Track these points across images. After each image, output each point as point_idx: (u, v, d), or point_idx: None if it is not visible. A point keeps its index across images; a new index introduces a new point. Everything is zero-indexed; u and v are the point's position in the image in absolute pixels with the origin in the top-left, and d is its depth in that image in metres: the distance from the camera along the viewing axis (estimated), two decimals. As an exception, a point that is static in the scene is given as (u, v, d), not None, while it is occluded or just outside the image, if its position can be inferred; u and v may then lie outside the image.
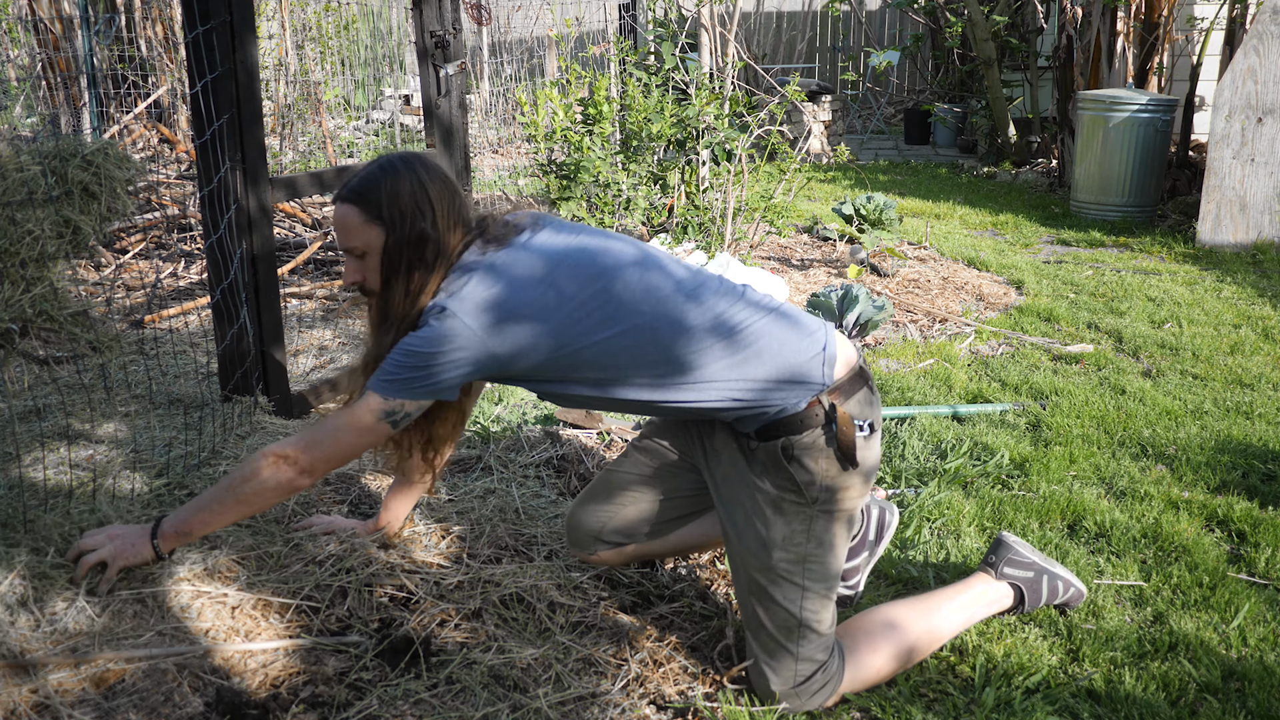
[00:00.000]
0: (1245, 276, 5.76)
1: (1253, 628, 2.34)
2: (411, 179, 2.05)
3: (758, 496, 2.05)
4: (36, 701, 1.83)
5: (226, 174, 3.01)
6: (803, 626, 2.03)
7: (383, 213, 2.02)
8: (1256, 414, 3.63)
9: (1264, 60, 6.24)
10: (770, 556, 2.03)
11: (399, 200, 2.02)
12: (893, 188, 8.77)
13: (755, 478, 2.05)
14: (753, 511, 2.05)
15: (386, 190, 2.03)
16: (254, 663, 2.01)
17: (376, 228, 2.03)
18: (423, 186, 2.05)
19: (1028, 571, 2.34)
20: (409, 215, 2.02)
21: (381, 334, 2.07)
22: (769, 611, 2.04)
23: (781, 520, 2.03)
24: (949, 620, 2.23)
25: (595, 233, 2.13)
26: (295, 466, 2.02)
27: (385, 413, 1.99)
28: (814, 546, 2.03)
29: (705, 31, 6.49)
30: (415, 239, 2.02)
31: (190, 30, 2.93)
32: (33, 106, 8.47)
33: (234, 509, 2.08)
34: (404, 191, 2.03)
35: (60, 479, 2.58)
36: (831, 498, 2.02)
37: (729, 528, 2.10)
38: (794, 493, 2.02)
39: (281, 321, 3.32)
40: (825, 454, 2.01)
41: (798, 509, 2.02)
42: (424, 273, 2.04)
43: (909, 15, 13.26)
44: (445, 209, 2.06)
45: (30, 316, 2.31)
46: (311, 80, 8.75)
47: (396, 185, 2.03)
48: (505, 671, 2.04)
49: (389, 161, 2.08)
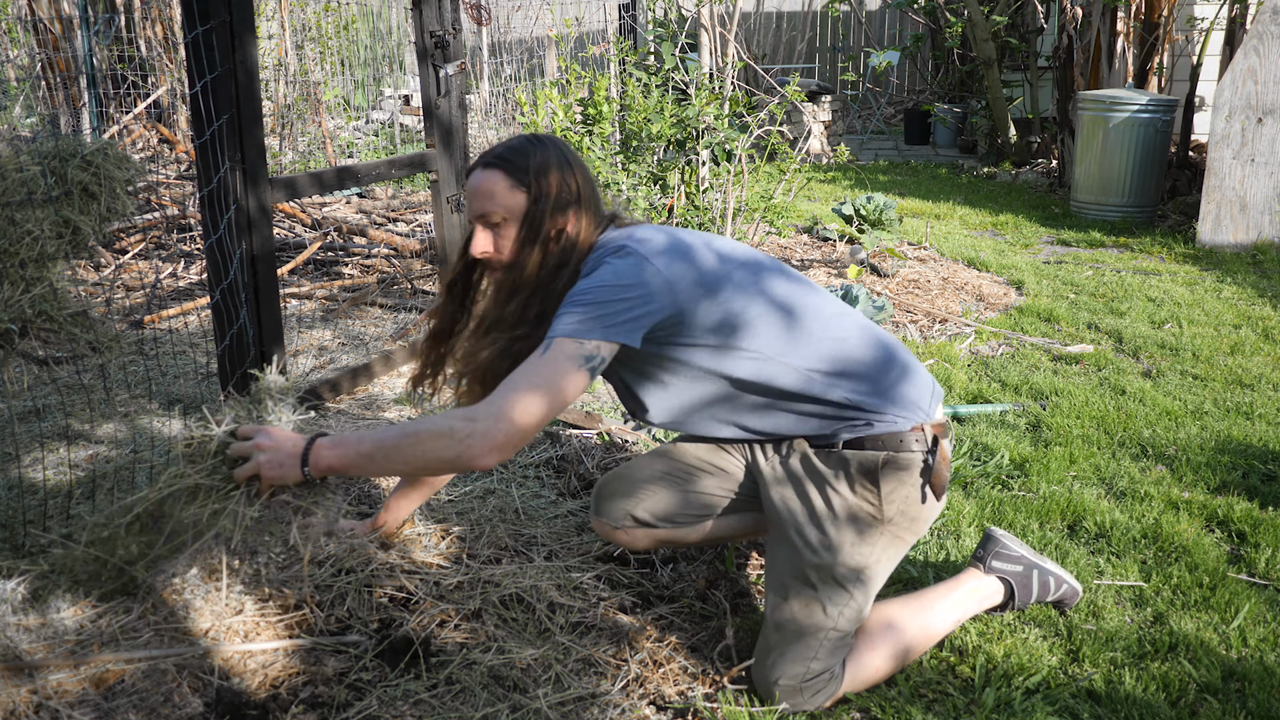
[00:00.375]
0: (1245, 277, 5.76)
1: (1253, 628, 2.34)
2: (558, 153, 2.08)
3: (833, 501, 2.06)
4: (36, 702, 1.83)
5: (226, 174, 3.01)
6: (833, 631, 2.04)
7: (528, 180, 2.04)
8: (1257, 414, 3.63)
9: (1264, 60, 6.24)
10: (828, 558, 2.04)
11: (547, 170, 2.04)
12: (893, 188, 8.77)
13: (834, 482, 2.06)
14: (823, 513, 2.06)
15: (535, 159, 2.04)
16: (253, 663, 2.01)
17: (521, 195, 2.03)
18: (568, 162, 2.08)
19: (1016, 565, 2.34)
20: (556, 186, 2.04)
21: (507, 303, 2.06)
22: (807, 609, 2.04)
23: (852, 530, 2.05)
24: (943, 617, 2.23)
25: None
26: (485, 449, 1.82)
27: (585, 358, 1.87)
28: (873, 562, 2.06)
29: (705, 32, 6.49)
30: (560, 208, 2.04)
31: (190, 30, 2.93)
32: (32, 106, 8.47)
33: (400, 468, 1.93)
34: (552, 162, 2.05)
35: (60, 479, 2.58)
36: (904, 522, 2.07)
37: (787, 521, 2.09)
38: (873, 507, 2.05)
39: (281, 322, 3.32)
40: (914, 481, 2.05)
41: (871, 523, 2.05)
42: (565, 244, 2.04)
43: (909, 15, 13.26)
44: (589, 188, 2.10)
45: (30, 317, 2.30)
46: (311, 80, 8.75)
47: (545, 156, 2.06)
48: (505, 672, 2.04)
49: (535, 136, 2.10)
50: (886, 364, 2.08)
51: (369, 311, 4.88)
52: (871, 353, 2.08)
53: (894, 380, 2.08)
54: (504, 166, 2.05)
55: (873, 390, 2.06)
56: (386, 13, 10.94)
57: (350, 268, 5.61)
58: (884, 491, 2.04)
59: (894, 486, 2.05)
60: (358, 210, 6.79)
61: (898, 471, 2.05)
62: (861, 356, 2.07)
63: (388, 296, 5.05)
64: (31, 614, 2.02)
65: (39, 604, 2.04)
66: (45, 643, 1.96)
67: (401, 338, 4.41)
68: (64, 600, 2.06)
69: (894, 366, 2.09)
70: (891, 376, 2.08)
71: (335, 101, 9.69)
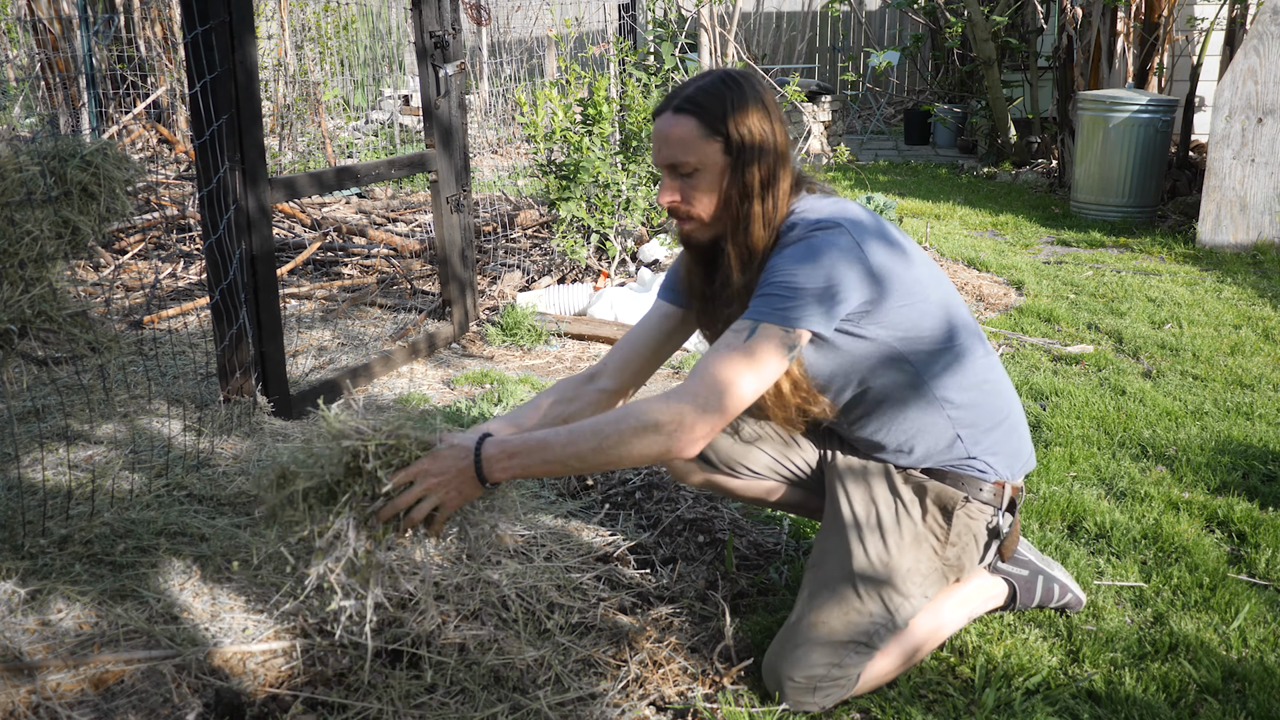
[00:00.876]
0: (1245, 277, 5.76)
1: (1253, 629, 2.34)
2: (754, 96, 1.88)
3: (903, 521, 2.06)
4: (35, 703, 1.83)
5: (226, 174, 3.01)
6: (864, 646, 2.02)
7: (725, 127, 1.86)
8: (1257, 415, 3.63)
9: (1264, 60, 6.24)
10: (882, 573, 2.04)
11: (745, 116, 1.87)
12: (892, 188, 8.77)
13: (908, 504, 2.07)
14: (890, 529, 2.06)
15: (732, 103, 1.87)
16: (253, 664, 2.01)
17: (717, 143, 1.88)
18: (765, 108, 1.89)
19: (1022, 570, 2.33)
20: (756, 133, 1.87)
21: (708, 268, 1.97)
22: (845, 616, 2.01)
23: (912, 554, 2.06)
24: (951, 617, 2.22)
25: None
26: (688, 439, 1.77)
27: (789, 346, 1.82)
28: (918, 593, 2.07)
29: (705, 32, 6.49)
30: (758, 157, 1.87)
31: (189, 30, 2.93)
32: (31, 107, 8.47)
33: (592, 464, 1.81)
34: (750, 107, 1.87)
35: (59, 480, 2.58)
36: (955, 564, 2.09)
37: (849, 524, 2.08)
38: (937, 541, 2.06)
39: (281, 322, 3.32)
40: (980, 531, 2.08)
41: (930, 555, 2.07)
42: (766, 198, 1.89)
43: (909, 15, 13.26)
44: (787, 139, 1.94)
45: (29, 317, 2.30)
46: (310, 80, 8.75)
47: (744, 100, 1.87)
48: (505, 672, 2.04)
49: (728, 74, 1.90)
50: (1004, 416, 2.10)
51: (368, 312, 4.88)
52: (996, 402, 2.09)
53: (1002, 434, 2.10)
54: (695, 112, 1.87)
55: (979, 436, 2.08)
56: (386, 13, 10.93)
57: (350, 268, 5.61)
58: (952, 531, 2.06)
59: (961, 530, 2.07)
60: (357, 210, 6.79)
61: (968, 518, 2.07)
62: (989, 403, 2.09)
63: (387, 297, 5.05)
64: (31, 614, 2.02)
65: (38, 605, 2.03)
66: (45, 643, 1.96)
67: (401, 338, 4.40)
68: (63, 601, 2.06)
69: (1006, 421, 2.10)
70: (1000, 431, 2.09)
71: (335, 102, 9.69)
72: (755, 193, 1.90)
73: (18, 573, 2.10)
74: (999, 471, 2.09)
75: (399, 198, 7.34)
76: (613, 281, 5.20)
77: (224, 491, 2.57)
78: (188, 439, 2.90)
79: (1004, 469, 2.10)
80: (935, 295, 2.00)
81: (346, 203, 7.05)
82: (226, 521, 2.45)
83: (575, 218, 5.15)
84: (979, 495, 2.07)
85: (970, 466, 2.08)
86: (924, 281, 1.97)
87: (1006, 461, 2.10)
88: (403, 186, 7.92)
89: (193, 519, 2.40)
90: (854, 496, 2.10)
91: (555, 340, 4.54)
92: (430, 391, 3.82)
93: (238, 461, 2.80)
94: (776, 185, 1.91)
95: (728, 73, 1.92)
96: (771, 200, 1.91)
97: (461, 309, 4.47)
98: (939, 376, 2.01)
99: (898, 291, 1.92)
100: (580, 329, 4.59)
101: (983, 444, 2.07)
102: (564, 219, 5.13)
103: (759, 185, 1.89)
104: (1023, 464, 2.15)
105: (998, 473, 2.09)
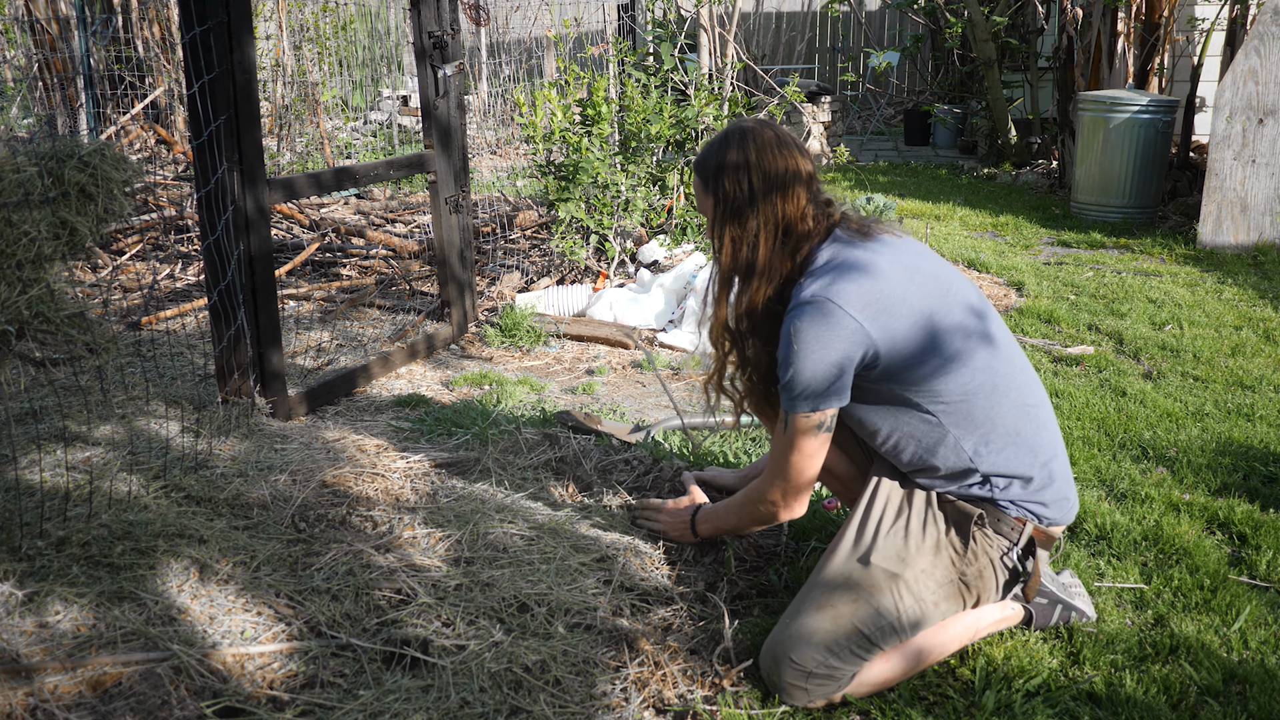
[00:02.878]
0: (1246, 278, 5.76)
1: (1254, 630, 2.33)
2: (739, 150, 2.07)
3: (928, 526, 2.14)
4: (33, 705, 1.82)
5: (224, 175, 3.00)
6: (867, 640, 2.04)
7: (709, 184, 2.10)
8: (1258, 416, 3.62)
9: (1265, 61, 6.23)
10: (897, 568, 2.09)
11: (724, 172, 2.07)
12: (892, 189, 8.76)
13: (935, 513, 2.15)
14: (914, 530, 2.13)
15: (713, 160, 2.09)
16: (252, 665, 2.00)
17: (710, 198, 2.11)
18: (745, 160, 2.06)
19: (1042, 599, 2.31)
20: (731, 189, 2.07)
21: (725, 294, 2.15)
22: (855, 605, 2.06)
23: (929, 558, 2.11)
24: (958, 634, 2.20)
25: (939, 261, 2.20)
26: (783, 507, 2.21)
27: (818, 425, 2.08)
28: (931, 602, 2.10)
29: (704, 32, 6.48)
30: (735, 212, 2.07)
31: (187, 31, 2.92)
32: (29, 107, 8.46)
33: (745, 528, 2.41)
34: (729, 163, 2.06)
35: (57, 481, 2.57)
36: (972, 585, 2.14)
37: (877, 512, 2.16)
38: (956, 554, 2.13)
39: (279, 323, 3.31)
40: (996, 558, 2.14)
41: (948, 566, 2.12)
42: (760, 246, 2.08)
43: (909, 16, 13.26)
44: (772, 186, 2.07)
45: (27, 318, 2.29)
46: (309, 81, 8.74)
47: (723, 156, 2.07)
48: (504, 675, 2.03)
49: (727, 133, 2.10)
50: (1035, 466, 2.14)
51: (367, 313, 4.87)
52: (1029, 445, 2.13)
53: (1036, 486, 2.14)
54: (695, 169, 2.13)
55: (1006, 478, 2.13)
56: (385, 13, 10.93)
57: (348, 269, 5.61)
58: (969, 549, 2.12)
59: (979, 551, 2.12)
60: (356, 211, 6.79)
61: (985, 539, 2.12)
62: (1030, 445, 2.13)
63: (386, 298, 5.04)
64: (29, 616, 2.01)
65: (35, 606, 2.03)
66: (42, 645, 1.95)
67: (400, 339, 4.40)
68: (61, 603, 2.05)
69: (1040, 473, 2.14)
70: (1035, 482, 2.14)
71: (333, 102, 9.68)
72: (735, 244, 2.13)
73: (15, 574, 2.09)
74: (1022, 510, 2.15)
75: (397, 198, 7.33)
76: (612, 282, 5.20)
77: (222, 493, 2.56)
78: (186, 440, 2.90)
79: (1029, 511, 2.15)
80: (950, 349, 2.07)
81: (345, 203, 7.05)
82: (225, 523, 2.44)
83: (574, 218, 5.15)
84: (996, 525, 2.13)
85: (993, 500, 2.14)
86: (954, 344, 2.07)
87: (1035, 508, 2.15)
88: (401, 187, 7.91)
89: (191, 520, 2.39)
90: (888, 494, 2.18)
91: (554, 341, 4.53)
92: (429, 393, 3.81)
93: (236, 463, 2.79)
94: (772, 234, 2.10)
95: (729, 127, 2.12)
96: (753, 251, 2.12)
97: (460, 310, 4.47)
98: (954, 422, 2.09)
99: (911, 354, 2.04)
100: (579, 330, 4.58)
101: (1010, 491, 2.13)
102: (563, 220, 5.12)
103: (738, 239, 2.12)
104: (1056, 514, 2.18)
105: (1020, 511, 2.14)
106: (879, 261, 2.04)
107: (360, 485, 2.74)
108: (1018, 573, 2.17)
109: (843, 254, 2.06)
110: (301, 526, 2.49)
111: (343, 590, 2.23)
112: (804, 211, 2.08)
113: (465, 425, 3.33)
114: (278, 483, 2.67)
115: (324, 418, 3.47)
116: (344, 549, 2.37)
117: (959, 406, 2.07)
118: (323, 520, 2.52)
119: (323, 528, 2.49)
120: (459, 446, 3.11)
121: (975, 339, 2.08)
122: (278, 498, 2.59)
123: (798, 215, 2.08)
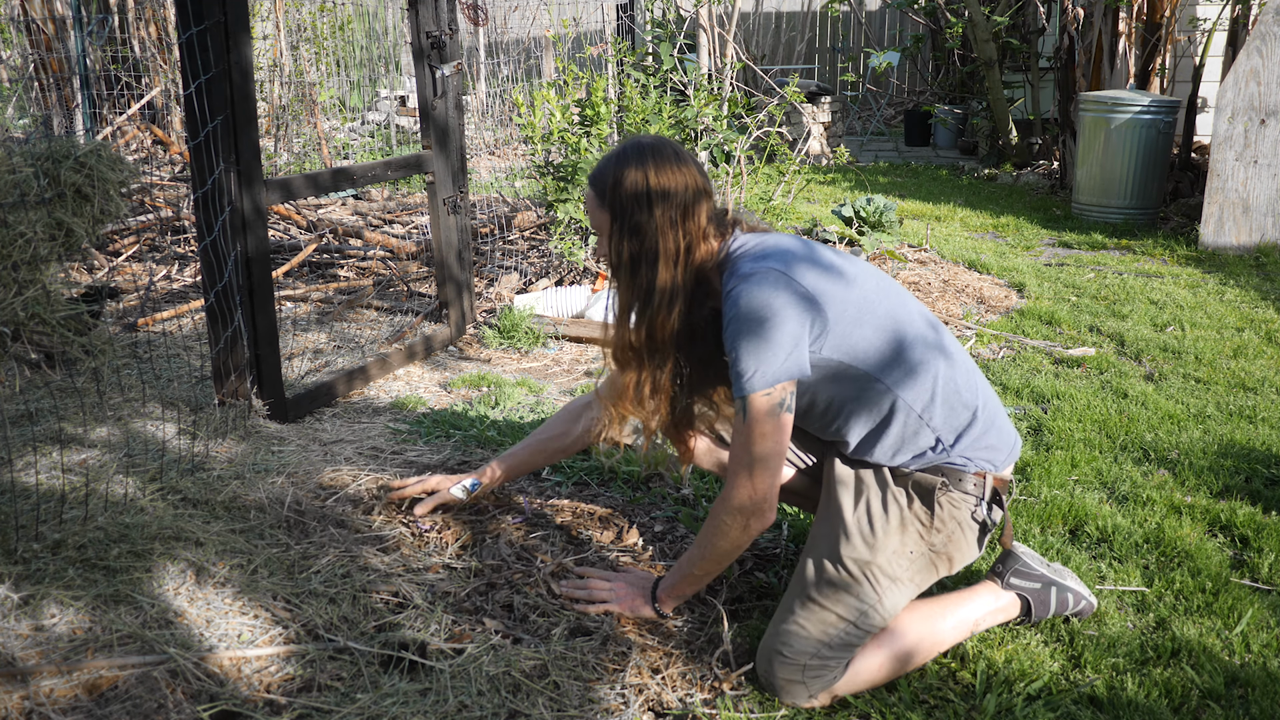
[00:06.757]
0: (1248, 279, 5.75)
1: (1256, 633, 2.32)
2: (637, 170, 2.06)
3: (889, 505, 2.13)
4: (28, 709, 1.81)
5: (221, 176, 2.99)
6: (851, 626, 2.07)
7: (604, 199, 2.08)
8: (1260, 418, 3.61)
9: (1267, 61, 6.22)
10: (867, 554, 2.10)
11: (621, 188, 2.05)
12: (893, 190, 8.75)
13: (894, 489, 2.15)
14: (876, 512, 2.13)
15: (612, 174, 2.07)
16: (248, 668, 1.99)
17: (605, 213, 2.09)
18: (646, 179, 2.05)
19: (1035, 583, 2.31)
20: (628, 205, 2.05)
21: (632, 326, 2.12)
22: (835, 596, 2.08)
23: (898, 537, 2.12)
24: (951, 627, 2.21)
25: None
26: (755, 514, 2.05)
27: (779, 404, 2.00)
28: (905, 577, 2.11)
29: (704, 32, 6.47)
30: (633, 229, 2.05)
31: (184, 31, 2.91)
32: (25, 108, 8.45)
33: (715, 567, 2.17)
34: (627, 180, 2.05)
35: (53, 483, 2.55)
36: (943, 552, 2.15)
37: (842, 503, 2.16)
38: (923, 526, 2.13)
39: (276, 324, 3.30)
40: (965, 520, 2.14)
41: (916, 540, 2.13)
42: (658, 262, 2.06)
43: (909, 16, 13.25)
44: (684, 193, 2.07)
45: (23, 319, 2.28)
46: (306, 81, 8.73)
47: (621, 173, 2.06)
48: (502, 678, 2.02)
49: (624, 149, 2.10)
50: (974, 415, 2.14)
51: (364, 314, 4.86)
52: (966, 398, 2.14)
53: (978, 431, 2.15)
54: (591, 183, 2.11)
55: (951, 435, 2.13)
56: (382, 13, 10.92)
57: (346, 270, 5.59)
58: (936, 516, 2.12)
59: (945, 517, 2.13)
60: (353, 212, 6.78)
61: (951, 505, 2.13)
62: (957, 404, 2.13)
63: (383, 299, 5.03)
64: (24, 619, 2.00)
65: (31, 610, 2.01)
66: (38, 648, 1.94)
67: (397, 340, 4.38)
68: (56, 606, 2.04)
69: (979, 418, 2.15)
70: (975, 428, 2.14)
71: (331, 102, 9.67)
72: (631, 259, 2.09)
73: (10, 577, 2.08)
74: (978, 461, 2.15)
75: (395, 199, 7.32)
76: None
77: (219, 495, 2.55)
78: (182, 442, 2.88)
79: (984, 462, 2.15)
80: (882, 309, 2.09)
81: (342, 204, 7.04)
82: (222, 525, 2.43)
83: (573, 219, 5.13)
84: (959, 485, 2.14)
85: (950, 463, 2.14)
86: (869, 298, 2.08)
87: (987, 455, 2.16)
88: (399, 188, 7.90)
89: (188, 523, 2.38)
90: (844, 484, 2.18)
91: (553, 343, 4.52)
92: (427, 395, 3.80)
93: (233, 465, 2.78)
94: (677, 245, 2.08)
95: (633, 143, 2.11)
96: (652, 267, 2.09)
97: (458, 311, 4.45)
98: (900, 384, 2.09)
99: (853, 314, 2.05)
100: (578, 331, 4.57)
101: (962, 444, 2.13)
102: (562, 220, 5.11)
103: (634, 254, 2.09)
104: (1005, 455, 2.20)
105: (978, 464, 2.15)
106: (793, 241, 2.11)
107: (358, 487, 2.73)
108: (986, 526, 2.18)
109: (762, 239, 2.10)
110: (299, 529, 2.48)
111: (340, 593, 2.21)
112: (705, 230, 2.10)
113: (463, 427, 3.32)
114: (275, 485, 2.66)
115: (321, 419, 3.46)
116: (341, 551, 2.35)
117: (897, 364, 2.08)
118: (320, 523, 2.51)
119: (320, 530, 2.48)
120: (457, 448, 3.10)
121: (892, 297, 2.13)
122: (275, 500, 2.57)
123: (698, 231, 2.09)
